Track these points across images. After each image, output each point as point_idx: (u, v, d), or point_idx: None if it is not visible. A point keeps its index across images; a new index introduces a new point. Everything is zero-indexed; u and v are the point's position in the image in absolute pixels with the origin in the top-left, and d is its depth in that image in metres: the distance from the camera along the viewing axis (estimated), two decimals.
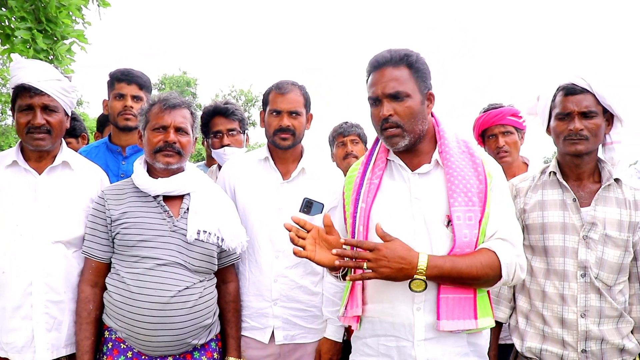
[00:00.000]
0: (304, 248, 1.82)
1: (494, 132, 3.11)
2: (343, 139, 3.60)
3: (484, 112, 3.17)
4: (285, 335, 2.49)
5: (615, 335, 2.08)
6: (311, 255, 1.81)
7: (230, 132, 3.16)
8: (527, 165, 3.13)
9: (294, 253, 1.82)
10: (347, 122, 3.65)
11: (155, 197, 2.31)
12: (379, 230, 1.78)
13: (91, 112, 22.41)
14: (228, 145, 3.11)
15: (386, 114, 1.92)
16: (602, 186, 2.13)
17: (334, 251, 1.79)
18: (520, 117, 3.01)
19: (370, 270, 1.75)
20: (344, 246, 1.81)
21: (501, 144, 3.08)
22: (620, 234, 2.08)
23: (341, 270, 1.90)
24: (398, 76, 1.93)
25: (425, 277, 1.78)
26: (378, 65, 1.96)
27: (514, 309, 2.28)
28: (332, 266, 1.83)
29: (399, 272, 1.76)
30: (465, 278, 1.81)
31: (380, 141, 2.10)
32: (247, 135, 3.38)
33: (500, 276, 1.85)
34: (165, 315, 2.18)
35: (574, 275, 2.08)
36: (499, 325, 2.32)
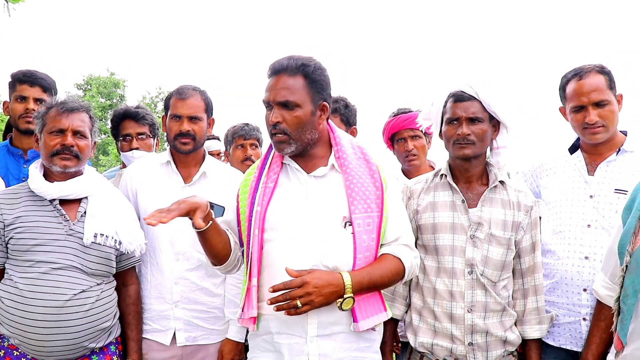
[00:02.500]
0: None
1: (403, 135, 3.23)
2: (243, 141, 3.55)
3: (394, 116, 3.29)
4: (187, 336, 2.50)
5: (498, 328, 2.19)
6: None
7: (139, 136, 3.18)
8: (434, 168, 3.26)
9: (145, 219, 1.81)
10: (248, 125, 3.60)
11: (52, 201, 2.28)
12: (291, 273, 1.83)
13: None
14: (137, 148, 3.11)
15: (274, 121, 1.97)
16: (488, 188, 2.24)
17: (268, 301, 1.86)
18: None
19: (306, 305, 1.82)
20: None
21: (410, 147, 3.21)
22: (505, 233, 2.20)
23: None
24: (291, 85, 1.97)
25: (352, 295, 1.87)
26: (275, 72, 2.00)
27: (409, 306, 2.36)
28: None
29: (332, 295, 1.85)
30: (379, 287, 1.98)
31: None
32: (157, 139, 3.36)
33: (403, 278, 2.03)
34: (60, 320, 2.15)
35: (462, 272, 2.18)
36: (395, 321, 2.40)
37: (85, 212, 2.30)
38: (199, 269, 2.50)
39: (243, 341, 2.53)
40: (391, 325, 2.38)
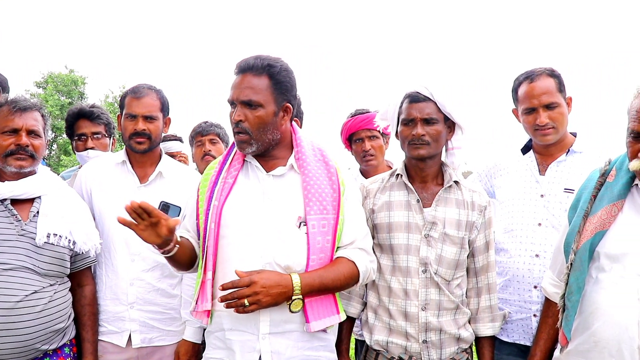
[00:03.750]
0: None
1: (361, 136, 3.27)
2: (201, 138, 3.56)
3: (352, 116, 3.32)
4: (142, 338, 2.48)
5: (452, 326, 2.23)
6: (135, 228, 1.80)
7: (94, 136, 3.15)
8: (392, 168, 3.30)
9: (118, 219, 1.80)
10: (206, 122, 3.61)
11: (2, 200, 2.23)
12: (240, 274, 1.85)
13: None
14: (92, 148, 3.09)
15: (236, 119, 2.00)
16: (442, 188, 2.28)
17: (218, 299, 1.88)
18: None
19: (254, 304, 1.83)
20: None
21: (367, 147, 3.25)
22: (458, 233, 2.23)
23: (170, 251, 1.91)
24: (255, 85, 1.99)
25: (301, 296, 1.89)
26: (241, 70, 2.03)
27: (366, 304, 2.39)
28: (158, 244, 1.85)
29: (279, 296, 1.87)
30: (331, 289, 1.99)
31: None
32: (113, 139, 3.32)
33: (357, 282, 2.05)
34: (11, 321, 2.10)
35: (416, 271, 2.21)
36: (351, 320, 2.43)
37: (38, 212, 2.25)
38: (155, 270, 2.49)
39: (199, 342, 2.52)
40: (348, 324, 2.40)
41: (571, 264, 1.98)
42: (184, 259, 2.04)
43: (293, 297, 1.88)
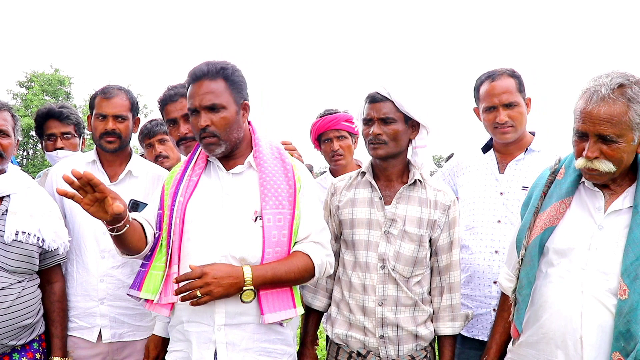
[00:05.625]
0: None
1: (329, 136, 3.33)
2: (150, 140, 3.46)
3: (320, 117, 3.37)
4: (112, 333, 2.54)
5: (410, 323, 2.26)
6: (80, 202, 1.79)
7: (64, 136, 3.20)
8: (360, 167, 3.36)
9: (57, 191, 1.79)
10: (151, 122, 3.53)
11: None
12: (193, 267, 1.90)
13: None
14: (62, 148, 3.13)
15: (203, 125, 2.06)
16: (404, 186, 2.31)
17: (173, 292, 1.95)
18: (353, 122, 3.24)
19: (206, 295, 1.88)
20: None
21: (336, 147, 3.31)
22: (419, 230, 2.26)
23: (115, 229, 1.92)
24: (214, 89, 2.07)
25: (253, 287, 1.94)
26: (196, 78, 2.10)
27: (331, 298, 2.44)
28: (107, 220, 1.85)
29: (231, 287, 1.92)
30: (285, 282, 2.03)
31: None
32: (83, 138, 3.34)
33: (313, 275, 2.09)
34: None
35: (375, 267, 2.26)
36: (318, 313, 2.48)
37: (7, 210, 2.30)
38: (125, 266, 2.55)
39: (169, 337, 2.56)
40: (314, 316, 2.47)
41: (522, 259, 2.04)
42: (132, 241, 2.03)
43: (244, 288, 1.93)
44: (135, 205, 2.54)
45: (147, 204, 2.46)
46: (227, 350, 2.03)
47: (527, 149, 2.65)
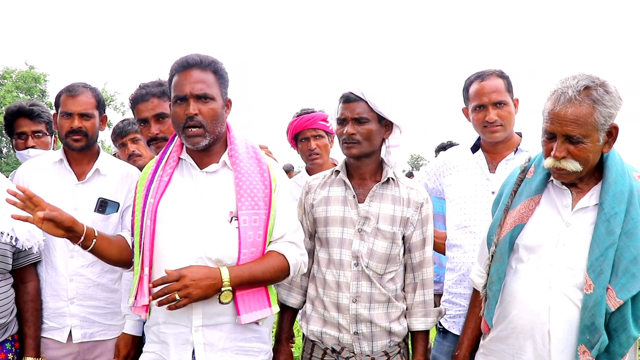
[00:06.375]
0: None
1: (306, 135, 3.35)
2: (122, 139, 3.42)
3: (297, 116, 3.39)
4: (83, 333, 2.51)
5: (383, 319, 2.29)
6: (32, 221, 1.88)
7: (35, 134, 3.15)
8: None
9: (12, 216, 1.89)
10: (123, 121, 3.50)
11: None
12: (169, 272, 1.89)
13: None
14: (33, 147, 3.08)
15: (192, 113, 2.04)
16: (377, 184, 2.34)
17: (150, 297, 1.96)
18: (328, 121, 3.26)
19: (185, 298, 1.88)
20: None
21: (312, 146, 3.33)
22: (392, 228, 2.29)
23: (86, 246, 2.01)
24: (206, 79, 2.08)
25: (231, 288, 1.94)
26: (188, 66, 2.08)
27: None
28: (67, 237, 1.95)
29: (209, 289, 1.91)
30: (261, 282, 2.04)
31: (174, 140, 2.21)
32: (55, 137, 3.31)
33: (288, 274, 2.11)
34: None
35: (349, 264, 2.28)
36: (293, 310, 2.50)
37: None
38: (95, 265, 2.51)
39: (140, 335, 2.56)
40: (289, 314, 2.48)
41: (492, 255, 2.09)
42: (110, 254, 2.09)
43: (222, 289, 1.94)
44: (104, 204, 2.52)
45: (117, 202, 2.47)
46: (205, 350, 2.02)
47: (516, 149, 2.69)
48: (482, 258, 2.25)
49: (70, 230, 1.93)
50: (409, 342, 2.47)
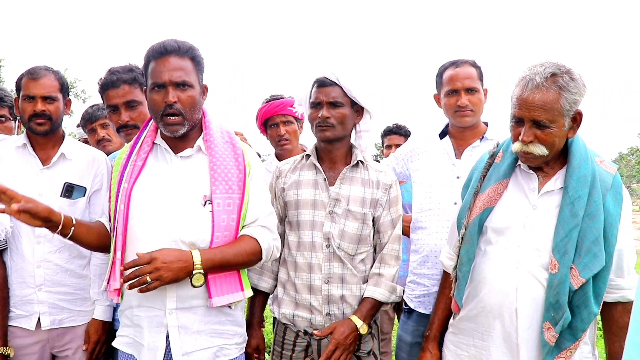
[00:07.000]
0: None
1: (276, 121, 3.36)
2: (91, 125, 3.40)
3: (267, 102, 3.39)
4: (52, 320, 2.47)
5: (354, 300, 2.34)
6: (9, 212, 1.87)
7: None
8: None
9: None
10: (92, 107, 3.47)
11: None
12: (141, 255, 1.90)
13: None
14: None
15: (172, 101, 2.03)
16: (347, 167, 2.39)
17: (121, 280, 1.96)
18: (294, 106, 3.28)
19: (156, 280, 1.87)
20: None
21: (282, 132, 3.35)
22: (363, 209, 2.35)
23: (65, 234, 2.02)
24: (184, 66, 2.06)
25: (202, 271, 1.94)
26: (165, 52, 2.06)
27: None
28: (46, 227, 1.96)
29: (181, 271, 1.91)
30: (233, 265, 2.04)
31: (148, 125, 2.20)
32: (19, 122, 3.22)
33: (260, 259, 2.12)
34: None
35: (320, 246, 2.32)
36: (264, 295, 2.52)
37: None
38: (62, 251, 2.47)
39: (110, 320, 2.54)
40: (260, 298, 2.49)
41: (462, 237, 2.16)
42: (89, 240, 2.10)
43: (194, 272, 1.94)
44: (70, 189, 2.47)
45: (83, 187, 2.45)
46: (180, 333, 2.03)
47: (482, 137, 2.79)
48: (452, 241, 2.31)
49: (47, 220, 1.92)
50: (379, 322, 2.53)
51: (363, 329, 2.27)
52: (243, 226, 2.13)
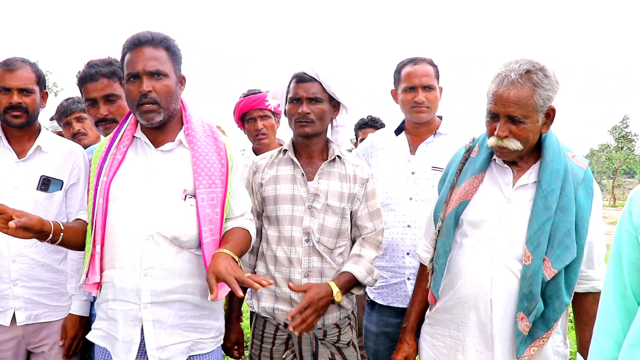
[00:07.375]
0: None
1: (253, 115, 3.37)
2: (67, 118, 3.35)
3: (244, 97, 3.40)
4: (28, 315, 2.43)
5: None
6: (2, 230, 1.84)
7: None
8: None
9: None
10: (68, 100, 3.43)
11: None
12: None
13: None
14: None
15: (146, 90, 2.03)
16: (324, 162, 2.41)
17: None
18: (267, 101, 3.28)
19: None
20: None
21: (259, 126, 3.37)
22: (341, 204, 2.37)
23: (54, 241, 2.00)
24: (158, 56, 2.07)
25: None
26: (139, 43, 2.06)
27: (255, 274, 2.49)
28: (29, 238, 1.92)
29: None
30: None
31: (128, 118, 2.19)
32: None
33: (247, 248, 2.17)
34: None
35: (300, 240, 2.34)
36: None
37: None
38: (38, 245, 2.43)
39: (87, 315, 2.52)
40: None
41: (439, 230, 2.20)
42: (77, 242, 2.09)
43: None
44: (47, 182, 2.44)
45: (60, 180, 2.42)
46: (154, 327, 2.03)
47: (435, 132, 2.87)
48: (428, 234, 2.35)
49: (39, 232, 1.90)
50: (356, 314, 2.56)
51: (338, 296, 2.26)
52: (226, 219, 2.14)
